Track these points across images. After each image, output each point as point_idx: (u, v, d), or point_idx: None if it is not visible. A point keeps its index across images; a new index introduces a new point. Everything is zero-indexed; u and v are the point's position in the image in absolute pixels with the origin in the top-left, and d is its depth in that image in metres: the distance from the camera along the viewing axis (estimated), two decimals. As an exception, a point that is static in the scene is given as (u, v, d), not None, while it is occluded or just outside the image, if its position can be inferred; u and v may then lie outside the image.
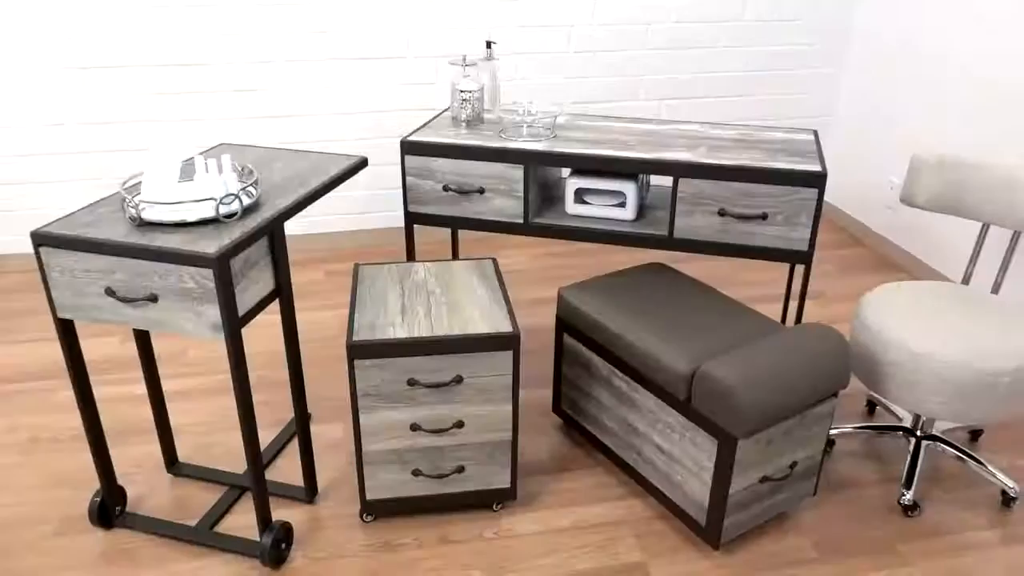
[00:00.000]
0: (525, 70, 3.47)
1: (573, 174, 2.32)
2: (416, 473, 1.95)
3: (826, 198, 3.98)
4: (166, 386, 2.61)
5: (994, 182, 2.11)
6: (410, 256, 2.45)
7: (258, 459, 1.79)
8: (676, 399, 1.88)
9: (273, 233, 1.76)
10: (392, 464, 1.94)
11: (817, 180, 2.05)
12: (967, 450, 2.18)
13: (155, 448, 2.31)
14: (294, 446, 2.32)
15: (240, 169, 1.86)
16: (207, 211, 1.66)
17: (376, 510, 2.00)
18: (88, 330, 2.92)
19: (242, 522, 2.04)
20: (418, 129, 2.39)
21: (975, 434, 2.36)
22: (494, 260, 2.20)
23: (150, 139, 3.26)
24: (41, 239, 1.64)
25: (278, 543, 1.89)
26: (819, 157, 2.16)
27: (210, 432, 2.38)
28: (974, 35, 2.94)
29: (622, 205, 2.30)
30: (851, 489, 2.17)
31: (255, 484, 1.81)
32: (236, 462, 2.26)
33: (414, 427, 1.90)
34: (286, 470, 2.22)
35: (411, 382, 1.84)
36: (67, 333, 1.77)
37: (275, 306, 3.11)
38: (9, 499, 2.11)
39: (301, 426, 2.01)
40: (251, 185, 1.74)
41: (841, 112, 3.81)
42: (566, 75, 3.52)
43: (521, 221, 2.31)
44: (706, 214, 2.16)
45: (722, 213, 2.14)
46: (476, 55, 3.03)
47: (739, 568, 1.91)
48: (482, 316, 1.91)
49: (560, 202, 2.45)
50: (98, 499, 1.97)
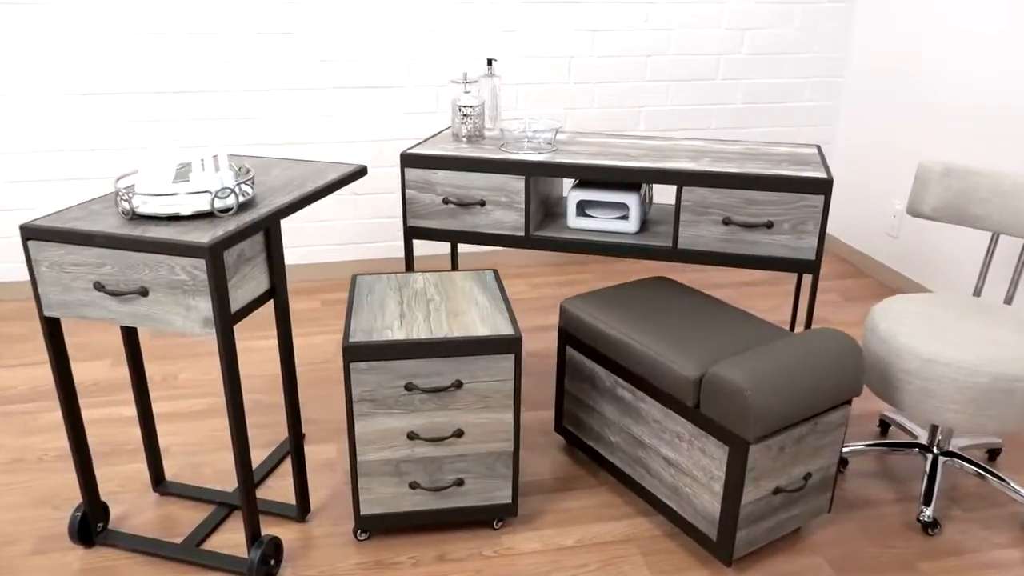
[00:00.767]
0: (525, 100, 3.48)
1: (575, 187, 2.29)
2: (413, 486, 1.87)
3: (828, 230, 3.96)
4: (156, 408, 2.53)
5: (1002, 190, 2.08)
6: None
7: (247, 467, 1.71)
8: (684, 406, 1.81)
9: (269, 231, 1.72)
10: (388, 476, 1.86)
11: (823, 186, 2.02)
12: (987, 467, 2.10)
13: (142, 467, 2.22)
14: (286, 468, 2.23)
15: (237, 168, 1.83)
16: (202, 204, 1.62)
17: (371, 526, 1.91)
18: (78, 353, 2.85)
19: (230, 540, 1.94)
20: (418, 144, 2.37)
21: (993, 453, 2.28)
22: (495, 271, 2.16)
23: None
24: (30, 232, 1.60)
25: (267, 559, 1.79)
26: (824, 167, 2.13)
27: (199, 453, 2.29)
28: (970, 62, 2.95)
29: (625, 218, 2.26)
30: (867, 508, 2.08)
31: (244, 495, 1.73)
32: (225, 481, 2.17)
33: (411, 436, 1.82)
34: (278, 490, 2.13)
35: (409, 387, 1.77)
36: (53, 334, 1.71)
37: (271, 332, 3.05)
38: (-14, 517, 2.02)
39: (294, 438, 1.93)
40: (247, 182, 1.71)
41: (840, 142, 3.82)
42: (566, 105, 3.53)
43: (522, 234, 2.27)
44: (710, 223, 2.13)
45: (727, 222, 2.10)
46: (477, 73, 3.04)
47: (753, 586, 1.81)
48: (483, 321, 1.85)
49: (562, 218, 2.41)
50: (79, 514, 1.88)
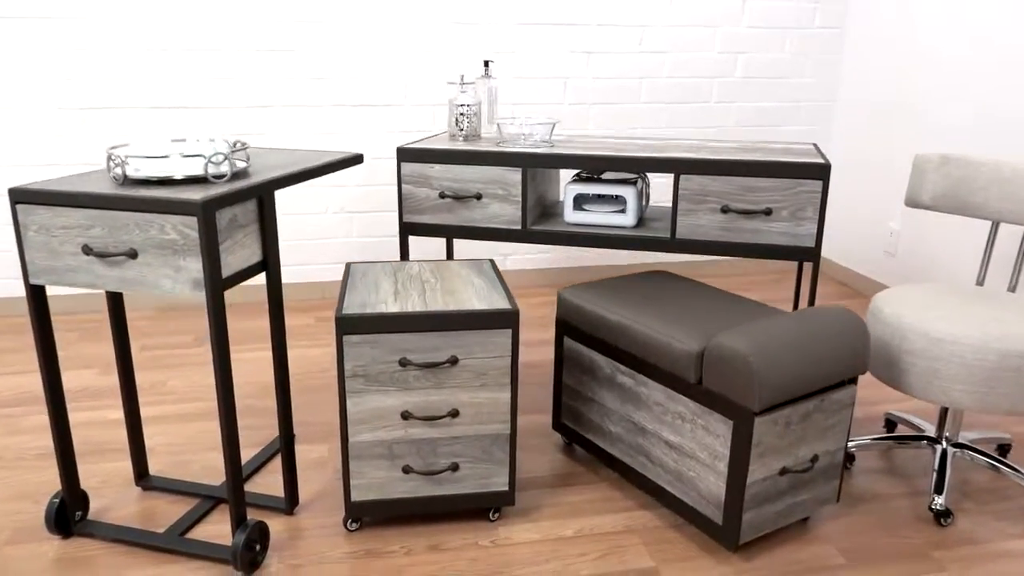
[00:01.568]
0: (521, 119, 3.50)
1: (571, 182, 2.28)
2: (406, 470, 1.80)
3: (824, 254, 3.95)
4: (143, 412, 2.46)
5: (1002, 176, 2.07)
6: (404, 269, 2.37)
7: (235, 442, 1.65)
8: (686, 383, 1.76)
9: (263, 200, 1.69)
10: (381, 459, 1.79)
11: (821, 171, 2.01)
12: (998, 457, 2.04)
13: (125, 465, 2.15)
14: (274, 467, 2.15)
15: (232, 143, 1.82)
16: (195, 168, 1.60)
17: (362, 513, 1.83)
18: (65, 363, 2.79)
19: (215, 532, 1.86)
20: (415, 143, 2.37)
21: (1003, 449, 2.21)
22: (492, 260, 2.13)
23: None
24: (19, 195, 1.57)
25: (252, 544, 1.71)
26: (821, 156, 2.13)
27: (185, 452, 2.22)
28: (960, 87, 2.99)
29: (622, 211, 2.25)
30: (875, 502, 2.01)
31: (231, 474, 1.66)
32: (211, 478, 2.09)
33: (405, 415, 1.76)
34: (266, 486, 2.05)
35: (403, 362, 1.72)
36: (38, 303, 1.67)
37: (264, 344, 3.00)
38: (-39, 510, 1.94)
39: (285, 426, 1.87)
40: (242, 150, 1.69)
41: (833, 164, 3.84)
42: (561, 126, 3.56)
43: (519, 227, 2.25)
44: (709, 212, 2.11)
45: (725, 210, 2.09)
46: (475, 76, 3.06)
47: (761, 573, 1.73)
48: (479, 298, 1.82)
49: (559, 216, 2.40)
50: (57, 501, 1.80)
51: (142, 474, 2.03)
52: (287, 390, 1.86)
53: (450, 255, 2.55)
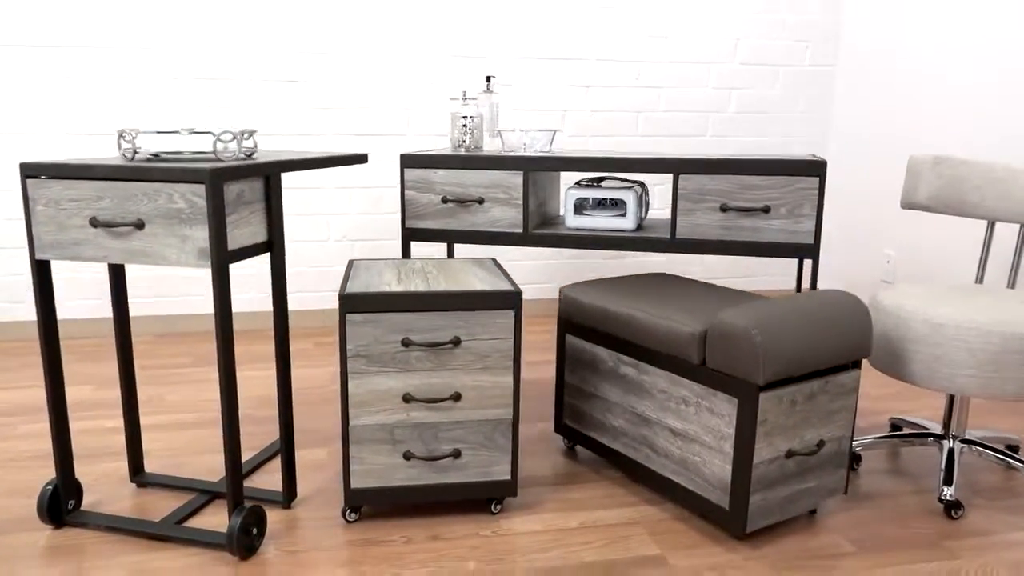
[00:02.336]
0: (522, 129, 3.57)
1: (571, 188, 2.32)
2: (407, 456, 1.77)
3: (819, 283, 3.97)
4: (141, 422, 2.43)
5: (995, 176, 2.11)
6: (406, 275, 2.38)
7: (234, 411, 1.63)
8: (689, 366, 1.75)
9: (270, 181, 1.72)
10: (381, 444, 1.77)
11: (817, 168, 2.05)
12: (1006, 452, 2.01)
13: (121, 465, 2.11)
14: (273, 467, 2.12)
15: (240, 131, 1.85)
16: (205, 144, 1.63)
17: (362, 501, 1.79)
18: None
19: (210, 523, 1.82)
20: (419, 151, 2.41)
21: (1012, 450, 2.19)
22: (494, 259, 2.14)
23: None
24: (30, 170, 1.60)
25: (248, 528, 1.67)
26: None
27: (181, 455, 2.19)
28: (949, 122, 3.07)
29: (622, 215, 2.28)
30: (884, 498, 1.97)
31: (229, 455, 1.63)
32: (207, 477, 2.05)
33: (407, 398, 1.75)
34: (264, 484, 2.02)
35: (405, 342, 1.72)
36: (43, 279, 1.68)
37: (267, 364, 2.98)
38: (-49, 504, 1.90)
39: (284, 416, 1.85)
40: (250, 136, 1.72)
41: (828, 197, 3.89)
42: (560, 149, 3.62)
43: (521, 231, 2.27)
44: (708, 211, 2.14)
45: (724, 209, 2.12)
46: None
47: (769, 560, 1.69)
48: (482, 283, 1.82)
49: (560, 223, 2.42)
50: (50, 488, 1.77)
51: (137, 470, 2.00)
52: (288, 381, 1.84)
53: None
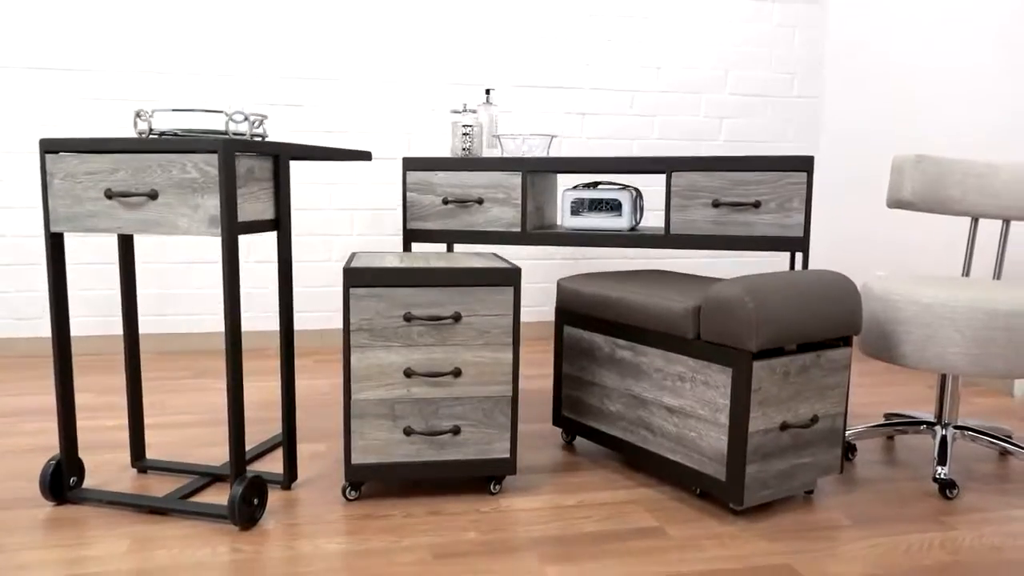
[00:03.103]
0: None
1: (569, 189, 2.39)
2: (408, 432, 1.80)
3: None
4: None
5: (976, 172, 2.19)
6: (407, 275, 2.43)
7: (239, 379, 1.66)
8: (684, 341, 1.80)
9: (279, 161, 1.79)
10: (382, 419, 1.79)
11: (805, 163, 2.13)
12: (999, 435, 2.04)
13: (122, 456, 2.13)
14: (274, 457, 2.13)
15: (252, 114, 1.93)
16: (217, 123, 1.71)
17: (362, 476, 1.81)
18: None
19: (211, 501, 1.83)
20: (420, 157, 2.49)
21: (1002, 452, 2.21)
22: (495, 253, 2.20)
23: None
24: (49, 145, 1.67)
25: (249, 498, 1.69)
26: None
27: (183, 447, 2.20)
28: (938, 146, 3.18)
29: (618, 215, 2.34)
30: (880, 483, 1.99)
31: (232, 421, 1.66)
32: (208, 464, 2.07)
33: (408, 372, 1.78)
34: (264, 469, 2.03)
35: (407, 317, 1.76)
36: (56, 252, 1.73)
37: (272, 377, 3.00)
38: (-48, 486, 1.91)
39: (286, 393, 1.88)
40: (261, 122, 1.80)
41: (816, 226, 3.98)
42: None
43: (519, 230, 2.34)
44: (701, 206, 2.21)
45: (716, 204, 2.19)
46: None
47: (766, 532, 1.70)
48: (482, 262, 1.88)
49: (557, 227, 2.49)
50: (53, 462, 1.79)
51: (139, 457, 2.01)
52: (291, 362, 1.88)
53: (452, 263, 2.63)
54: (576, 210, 2.38)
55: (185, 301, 3.42)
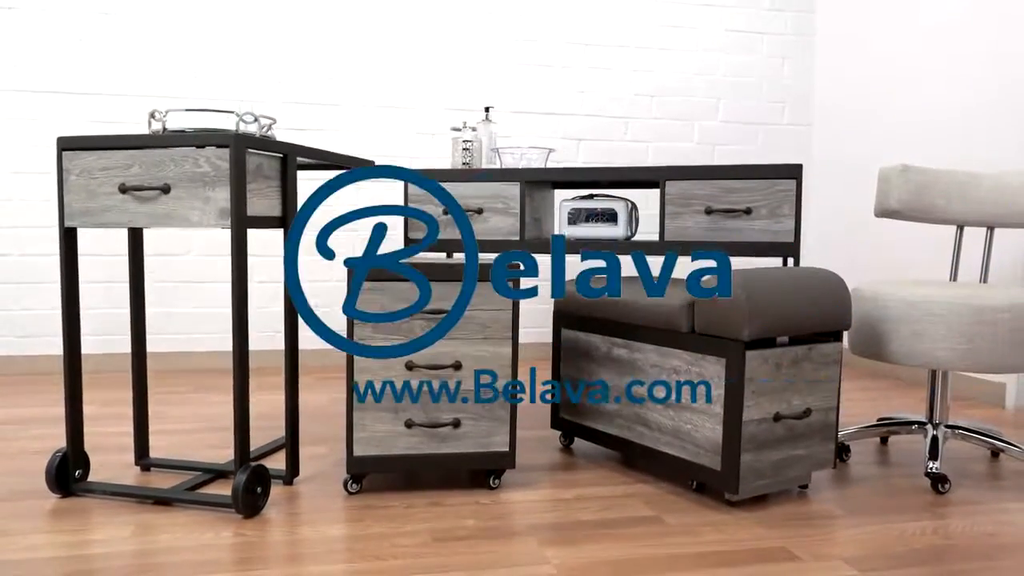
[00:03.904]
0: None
1: (566, 200, 2.46)
2: (409, 424, 1.83)
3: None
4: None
5: (959, 181, 2.27)
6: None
7: (245, 369, 1.70)
8: (679, 336, 1.84)
9: (287, 161, 1.85)
10: (384, 411, 1.83)
11: (794, 171, 2.20)
12: (990, 433, 2.08)
13: (126, 456, 2.15)
14: (277, 457, 2.16)
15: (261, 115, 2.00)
16: (228, 123, 1.78)
17: (363, 468, 1.83)
18: (67, 400, 2.81)
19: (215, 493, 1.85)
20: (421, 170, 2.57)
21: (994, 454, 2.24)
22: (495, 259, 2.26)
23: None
24: (67, 142, 1.73)
25: (253, 487, 1.71)
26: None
27: (185, 449, 2.22)
28: (933, 149, 3.28)
29: (614, 224, 2.41)
30: (873, 480, 2.02)
31: (238, 410, 1.70)
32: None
33: (410, 365, 1.82)
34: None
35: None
36: (69, 246, 1.78)
37: (273, 391, 3.03)
38: (-42, 482, 1.93)
39: (290, 378, 1.92)
40: (270, 126, 1.87)
41: (804, 253, 4.05)
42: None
43: (517, 238, 2.40)
44: (694, 213, 2.28)
45: (709, 211, 2.26)
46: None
47: (761, 520, 1.73)
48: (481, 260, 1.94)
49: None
50: (60, 455, 1.81)
51: (142, 455, 2.04)
52: (295, 357, 1.92)
53: (452, 273, 2.68)
54: (573, 220, 2.45)
55: (186, 320, 3.47)
